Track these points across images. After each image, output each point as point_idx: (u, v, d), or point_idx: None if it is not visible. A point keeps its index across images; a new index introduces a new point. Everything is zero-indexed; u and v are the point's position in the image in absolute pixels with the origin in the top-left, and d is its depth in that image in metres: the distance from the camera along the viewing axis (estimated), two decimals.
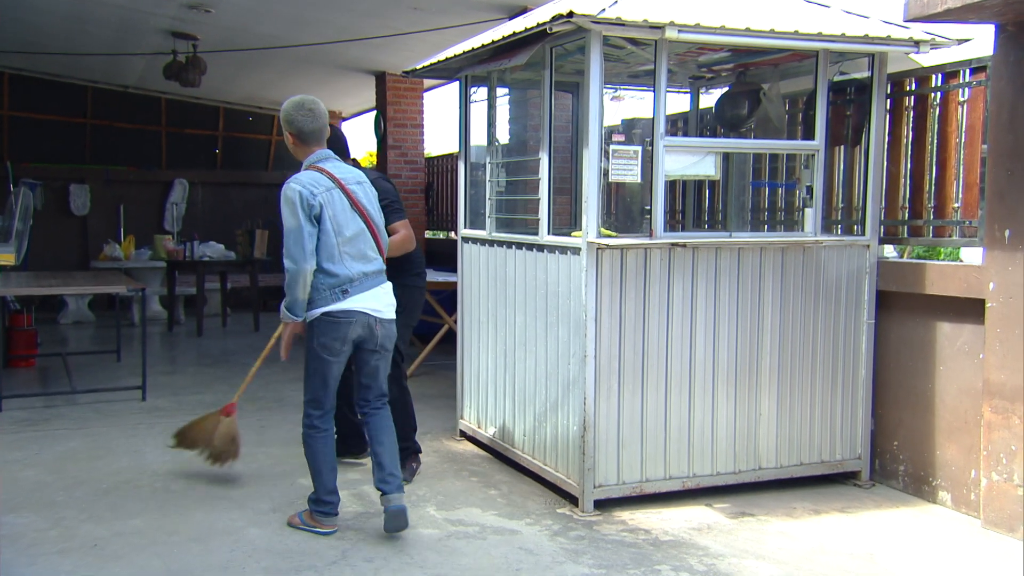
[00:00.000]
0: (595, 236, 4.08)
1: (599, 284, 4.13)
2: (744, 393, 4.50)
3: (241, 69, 10.89)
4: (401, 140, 10.12)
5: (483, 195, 5.09)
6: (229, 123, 13.72)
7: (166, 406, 6.30)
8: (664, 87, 4.16)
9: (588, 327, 4.12)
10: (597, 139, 4.06)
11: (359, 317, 3.73)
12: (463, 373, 5.44)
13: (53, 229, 12.48)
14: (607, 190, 6.03)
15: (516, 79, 5.29)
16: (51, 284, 6.65)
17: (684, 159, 4.33)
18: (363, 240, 3.75)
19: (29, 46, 10.33)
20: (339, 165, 3.81)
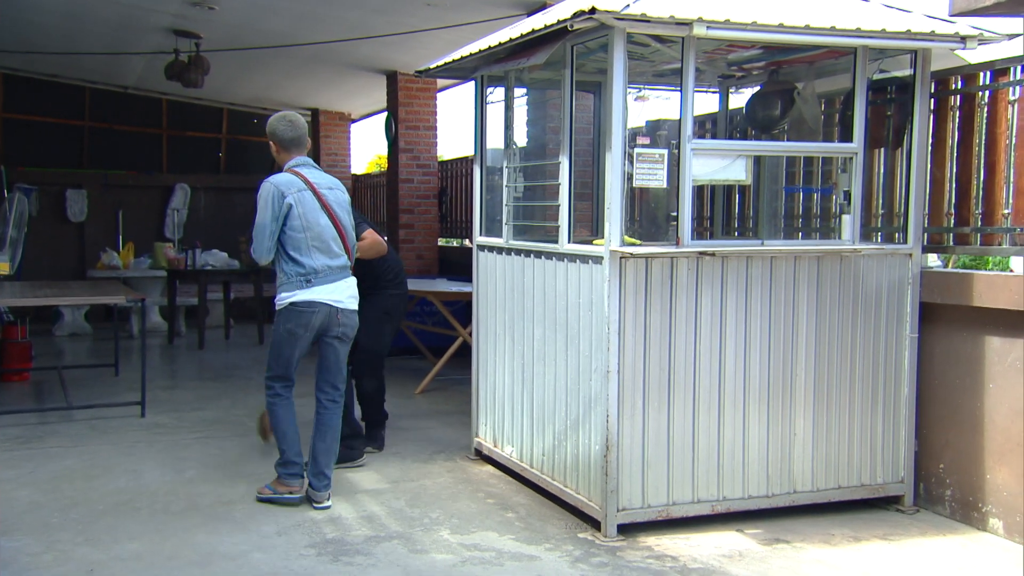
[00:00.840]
0: (618, 244, 4.08)
1: (623, 295, 4.12)
2: (777, 411, 4.47)
3: (246, 69, 10.97)
4: (413, 143, 10.17)
5: (499, 201, 5.10)
6: (233, 125, 13.83)
7: (166, 423, 6.35)
8: (692, 87, 4.16)
9: (611, 341, 4.12)
10: (620, 142, 4.06)
11: (321, 307, 4.45)
12: (478, 389, 5.44)
13: (49, 236, 12.60)
14: (631, 196, 6.05)
15: (534, 79, 5.31)
16: (46, 294, 6.72)
17: (713, 163, 4.32)
18: (330, 237, 4.46)
19: (25, 45, 10.46)
20: (314, 171, 4.54)
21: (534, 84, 5.40)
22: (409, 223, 10.17)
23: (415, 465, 5.36)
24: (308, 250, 4.41)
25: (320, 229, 4.44)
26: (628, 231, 4.37)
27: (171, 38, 9.24)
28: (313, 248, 4.41)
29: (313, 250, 4.42)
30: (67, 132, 13.00)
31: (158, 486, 4.89)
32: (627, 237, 4.22)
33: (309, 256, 4.41)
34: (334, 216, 4.47)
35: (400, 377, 8.20)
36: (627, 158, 4.15)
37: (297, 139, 4.55)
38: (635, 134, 6.84)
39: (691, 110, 4.18)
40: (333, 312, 4.49)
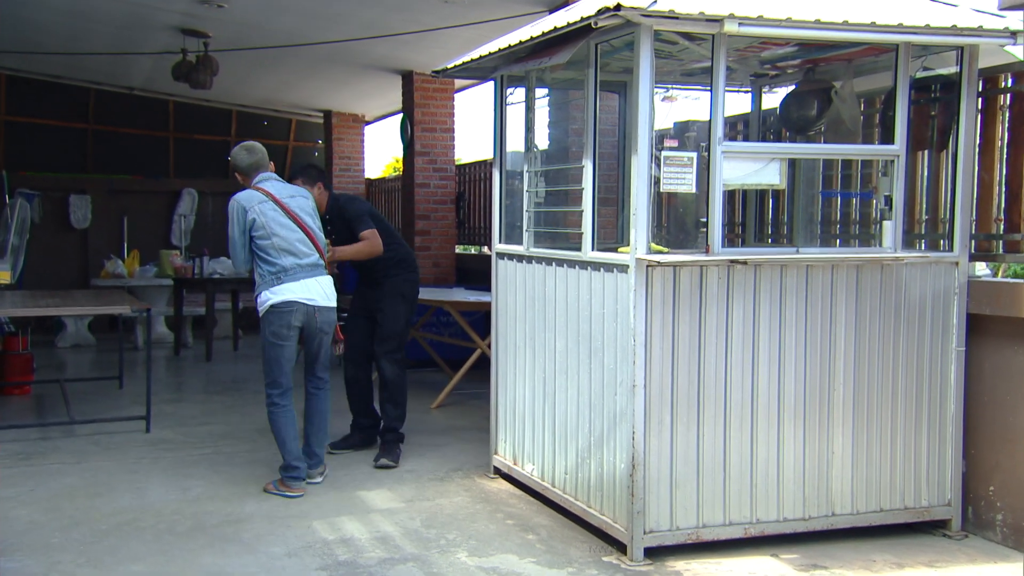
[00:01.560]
0: (644, 252, 4.07)
1: (649, 305, 4.11)
2: (814, 429, 4.44)
3: (256, 69, 11.05)
4: (430, 145, 10.21)
5: (520, 206, 5.11)
6: (243, 128, 13.91)
7: (172, 438, 6.39)
8: (723, 86, 4.15)
9: (637, 353, 4.11)
10: (647, 144, 4.06)
11: (298, 307, 5.09)
12: (497, 403, 5.44)
13: (51, 244, 12.74)
14: (658, 201, 6.04)
15: (557, 79, 5.31)
16: (47, 304, 6.79)
17: (745, 166, 4.31)
18: (295, 240, 5.12)
19: (27, 45, 10.59)
20: (275, 184, 5.25)
21: (556, 84, 5.41)
22: (425, 229, 10.20)
23: (431, 483, 5.36)
24: (277, 253, 5.09)
25: (285, 234, 5.11)
26: (655, 238, 4.36)
27: (179, 37, 9.33)
28: (281, 251, 5.09)
29: (281, 252, 5.09)
30: (71, 135, 13.15)
31: (163, 505, 4.92)
32: (654, 244, 4.21)
33: (279, 257, 5.09)
34: (299, 220, 5.16)
35: (416, 391, 8.20)
36: (654, 161, 4.15)
37: (255, 163, 5.29)
38: (663, 136, 6.83)
39: (722, 111, 4.17)
40: (311, 311, 5.15)
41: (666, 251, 4.25)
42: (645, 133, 4.06)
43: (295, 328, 5.11)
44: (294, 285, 5.08)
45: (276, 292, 5.08)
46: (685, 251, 4.34)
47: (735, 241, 6.63)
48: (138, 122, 13.41)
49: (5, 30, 9.87)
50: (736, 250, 4.46)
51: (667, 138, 4.56)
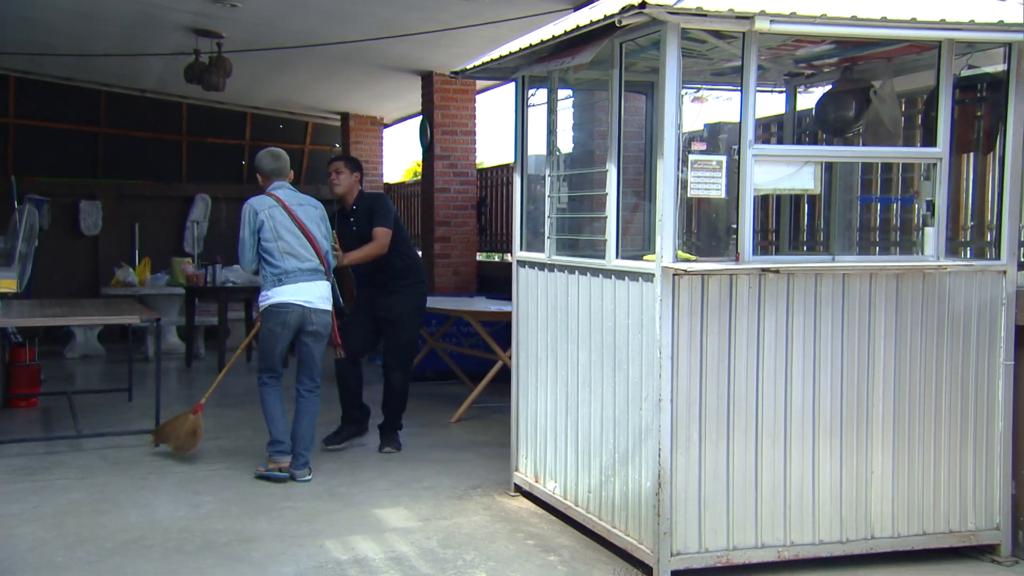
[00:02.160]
0: (671, 260, 4.06)
1: (676, 316, 4.10)
2: (852, 447, 4.41)
3: (271, 70, 11.14)
4: (450, 149, 10.24)
5: (542, 212, 5.11)
6: (257, 131, 14.03)
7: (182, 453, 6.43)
8: (754, 87, 4.14)
9: (663, 366, 4.09)
10: (673, 147, 4.05)
11: (295, 308, 5.74)
12: (518, 418, 5.44)
13: (60, 251, 12.89)
14: (688, 207, 6.03)
15: (581, 79, 5.32)
16: (55, 313, 6.87)
17: (777, 170, 4.29)
18: (300, 245, 5.77)
19: (36, 47, 10.73)
20: (287, 192, 5.93)
21: (580, 85, 5.42)
22: (445, 236, 10.23)
23: (449, 501, 5.37)
24: (280, 255, 5.74)
25: (290, 238, 5.76)
26: (685, 245, 4.35)
27: (191, 38, 9.42)
28: (285, 254, 5.74)
29: (285, 255, 5.74)
30: (81, 139, 13.30)
31: (171, 522, 4.95)
32: (681, 252, 4.20)
33: (282, 260, 5.74)
34: (304, 227, 5.80)
35: (434, 404, 8.23)
36: (681, 165, 4.14)
37: (277, 170, 6.03)
38: (692, 138, 6.79)
39: (752, 112, 4.16)
40: (306, 312, 5.77)
41: (694, 259, 4.23)
42: (671, 136, 4.05)
43: (290, 327, 5.78)
44: (292, 287, 5.74)
45: (275, 293, 5.76)
46: (714, 259, 4.32)
47: (768, 248, 6.59)
48: (150, 125, 13.55)
49: (13, 31, 10.01)
50: (768, 258, 4.44)
51: (695, 140, 4.55)
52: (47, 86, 12.84)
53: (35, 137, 13.02)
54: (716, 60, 5.15)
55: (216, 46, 9.42)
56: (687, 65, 5.34)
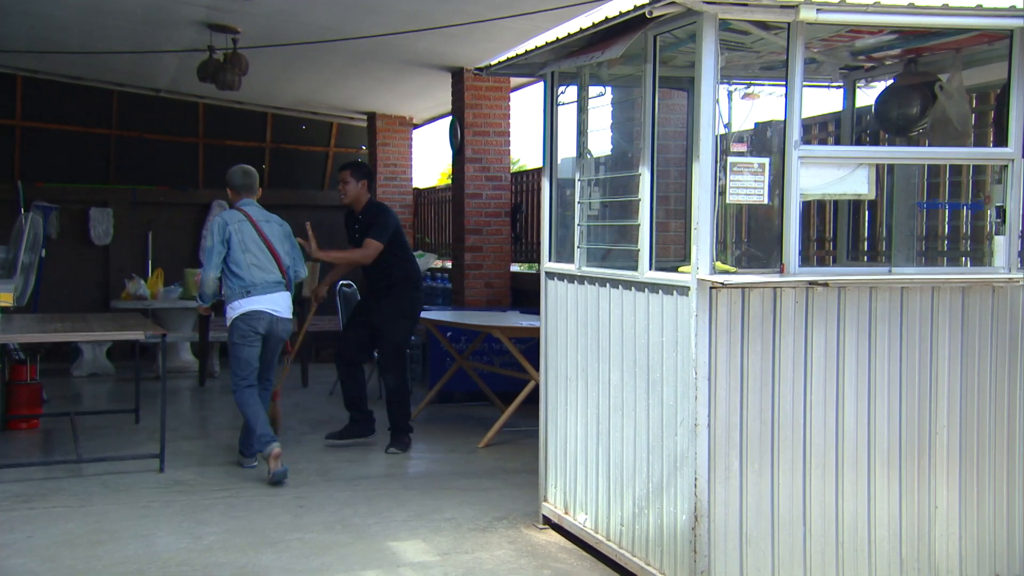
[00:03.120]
0: (708, 272, 4.03)
1: (714, 333, 4.07)
2: (912, 478, 4.36)
3: (291, 67, 11.24)
4: (482, 151, 10.26)
5: (573, 219, 5.11)
6: (278, 132, 14.16)
7: (188, 479, 6.50)
8: (799, 82, 4.11)
9: (699, 387, 4.06)
10: (710, 149, 4.03)
11: (264, 315, 6.64)
12: (547, 444, 5.43)
13: (69, 262, 13.08)
14: (736, 214, 6.00)
15: (615, 76, 5.32)
16: (55, 329, 6.97)
17: (826, 173, 4.25)
18: (265, 258, 6.71)
19: (43, 44, 10.91)
20: (255, 209, 6.86)
21: (616, 82, 5.41)
22: (476, 245, 10.23)
23: (471, 534, 5.36)
24: (248, 268, 6.63)
25: (257, 252, 6.68)
26: (733, 256, 4.32)
27: (205, 33, 9.53)
28: (251, 266, 6.65)
29: (252, 268, 6.64)
30: (92, 142, 13.46)
31: (171, 554, 4.99)
32: (719, 264, 4.17)
33: (249, 273, 6.63)
34: (268, 243, 6.75)
35: (462, 428, 8.24)
36: (720, 168, 4.12)
37: (247, 185, 6.94)
38: (741, 138, 6.77)
39: (798, 110, 4.12)
40: (273, 320, 6.70)
41: (734, 271, 4.20)
42: (708, 136, 4.03)
43: (261, 334, 6.66)
44: (260, 298, 6.64)
45: (245, 303, 6.61)
46: (756, 271, 4.29)
47: (826, 259, 6.54)
48: (165, 127, 13.70)
49: (19, 27, 10.21)
50: (816, 270, 4.42)
51: (735, 142, 4.52)
52: (55, 86, 13.03)
53: (43, 140, 13.21)
54: (764, 53, 5.11)
55: (231, 42, 9.52)
56: (733, 59, 5.34)
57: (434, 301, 11.08)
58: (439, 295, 11.08)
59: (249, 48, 9.60)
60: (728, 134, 6.12)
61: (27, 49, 11.17)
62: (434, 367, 9.25)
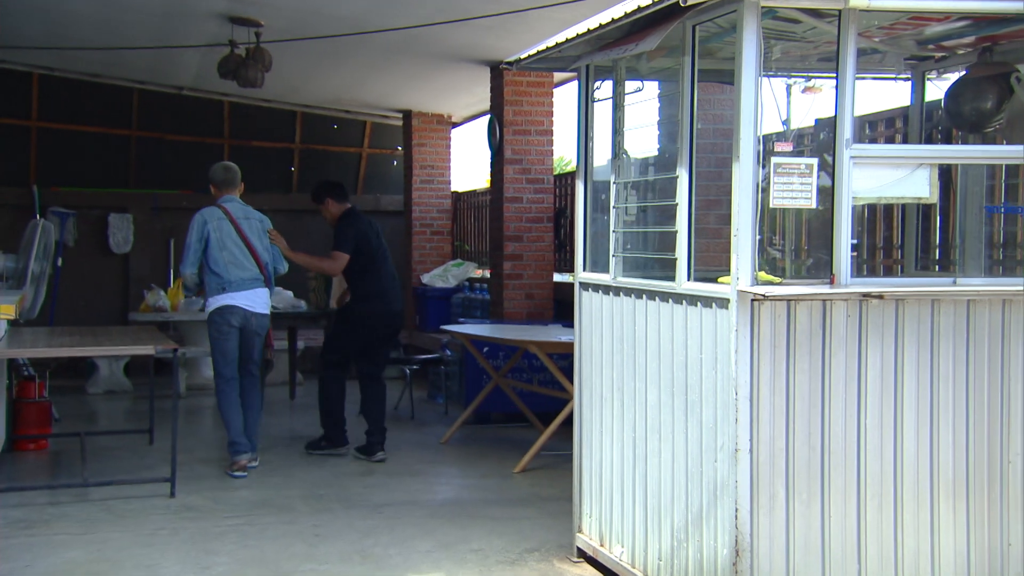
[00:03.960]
0: (749, 283, 4.00)
1: (756, 349, 4.04)
2: (982, 512, 4.30)
3: (319, 63, 11.34)
4: (522, 152, 10.26)
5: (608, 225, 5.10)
6: (309, 132, 14.29)
7: (199, 505, 6.56)
8: (851, 75, 4.08)
9: (739, 409, 4.03)
10: (751, 148, 4.00)
11: (238, 310, 7.46)
12: (581, 469, 5.41)
13: (87, 271, 13.28)
14: (798, 218, 5.94)
15: (656, 69, 5.29)
16: (64, 343, 7.08)
17: (882, 174, 4.20)
18: (243, 256, 7.50)
19: (59, 39, 11.11)
20: (235, 206, 7.67)
21: (657, 75, 5.38)
22: (516, 253, 10.23)
23: (499, 567, 5.36)
24: (225, 265, 7.43)
25: (234, 249, 7.46)
26: (793, 266, 4.27)
27: (227, 27, 9.65)
28: (229, 264, 7.44)
29: (229, 265, 7.44)
30: (111, 144, 13.69)
31: None
32: (763, 274, 4.13)
33: (226, 270, 7.42)
34: (247, 240, 7.53)
35: (497, 451, 8.24)
36: (763, 168, 4.10)
37: (227, 181, 7.78)
38: (802, 135, 6.69)
39: (850, 105, 4.09)
40: (248, 315, 7.51)
41: (778, 281, 4.16)
42: (749, 134, 4.01)
43: (235, 327, 7.45)
44: (236, 294, 7.44)
45: (221, 298, 7.43)
46: (803, 282, 4.25)
47: (893, 269, 6.46)
48: (188, 127, 13.88)
49: (34, 23, 10.41)
50: (870, 280, 4.35)
51: (779, 141, 4.49)
52: (73, 84, 13.25)
53: (60, 142, 13.43)
54: (819, 43, 5.07)
55: (254, 36, 9.63)
56: (787, 49, 5.30)
57: (472, 314, 11.11)
58: (477, 307, 11.10)
59: (273, 42, 9.70)
60: (786, 132, 6.09)
61: (43, 45, 11.38)
62: (470, 385, 9.28)
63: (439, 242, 13.49)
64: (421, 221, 13.41)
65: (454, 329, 8.80)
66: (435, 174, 13.51)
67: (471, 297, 11.43)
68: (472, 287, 11.80)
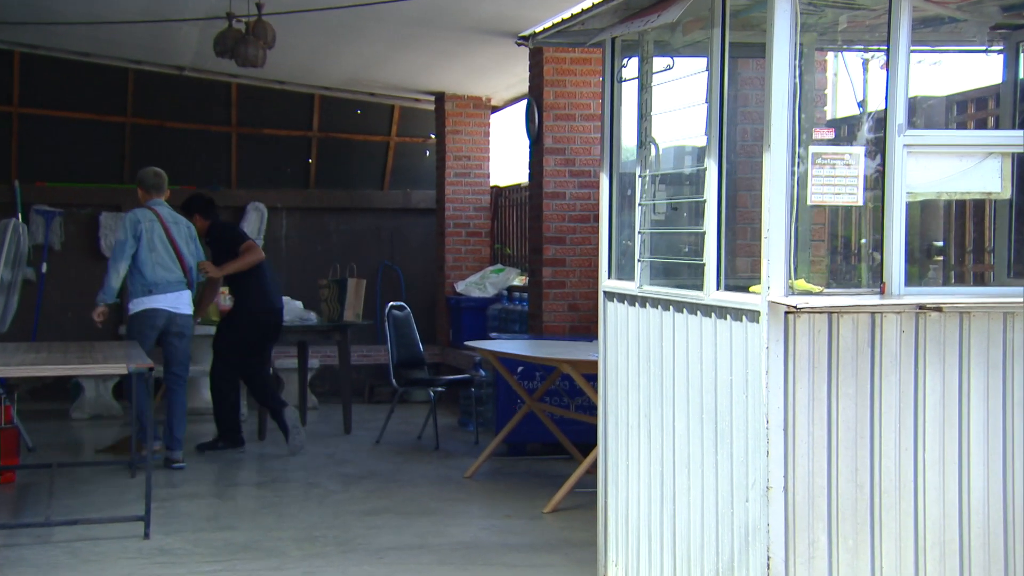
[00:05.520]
0: (782, 292, 3.99)
1: (791, 370, 4.04)
2: None
3: (337, 39, 11.41)
4: (565, 139, 10.25)
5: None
6: (328, 118, 14.34)
7: (176, 548, 6.64)
8: (904, 50, 4.11)
9: (771, 440, 4.02)
10: (785, 135, 4.00)
11: (162, 312, 8.90)
12: (606, 509, 5.45)
13: (76, 278, 13.38)
14: (852, 216, 5.91)
15: (691, 43, 5.29)
16: (24, 361, 7.20)
17: (944, 165, 4.18)
18: (170, 258, 8.99)
19: (44, 13, 11.27)
20: (164, 209, 9.18)
21: (691, 51, 5.38)
22: (558, 258, 10.22)
23: None
24: (153, 267, 8.84)
25: (163, 252, 8.94)
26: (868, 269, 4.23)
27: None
28: (156, 265, 8.87)
29: (156, 267, 8.87)
30: (103, 132, 13.80)
31: None
32: (801, 281, 4.12)
33: (152, 271, 8.83)
34: (175, 243, 9.03)
35: (530, 486, 8.26)
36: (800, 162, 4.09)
37: (157, 185, 9.30)
38: (878, 119, 6.66)
39: (903, 86, 4.11)
40: (172, 316, 8.95)
41: (818, 290, 4.15)
42: (781, 118, 4.01)
43: (157, 328, 8.87)
44: (160, 296, 8.86)
45: (146, 300, 8.84)
46: (849, 291, 4.23)
47: (984, 275, 6.39)
48: (190, 113, 13.98)
49: None
50: (928, 290, 4.32)
51: (817, 128, 4.48)
52: (60, 64, 13.37)
53: (45, 130, 13.52)
54: (880, 12, 5.04)
55: (255, 7, 9.73)
56: (856, 18, 5.28)
57: (510, 328, 11.13)
58: (515, 320, 11.10)
59: (278, 15, 9.79)
60: (862, 115, 6.05)
61: (24, 20, 11.53)
62: (501, 411, 9.32)
63: (476, 244, 13.43)
64: (455, 220, 13.37)
65: (478, 345, 8.84)
66: (472, 166, 13.50)
67: (509, 308, 11.43)
68: (511, 297, 11.81)
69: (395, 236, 14.43)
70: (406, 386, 10.45)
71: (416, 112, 14.52)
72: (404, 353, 10.35)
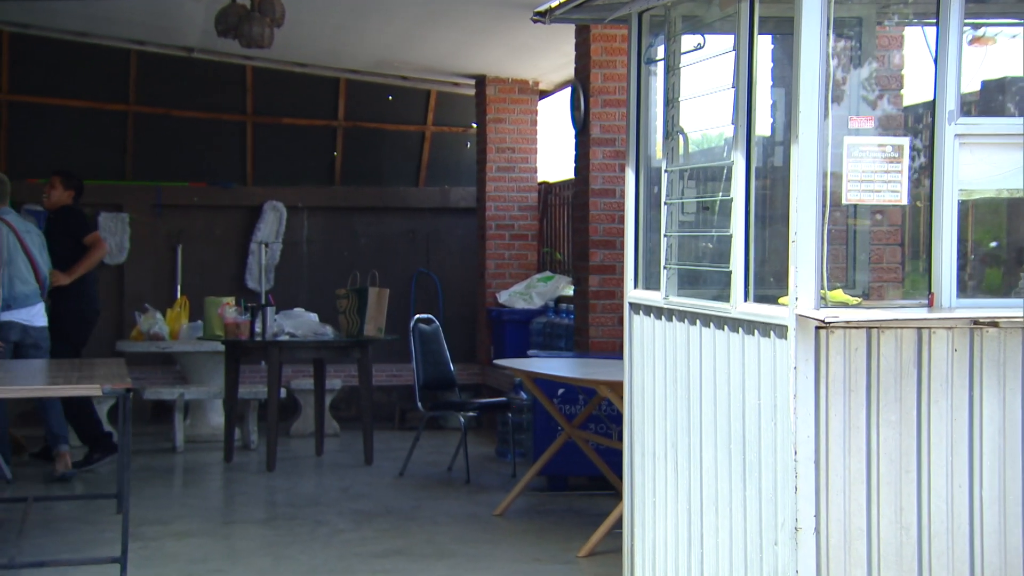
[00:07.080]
0: (812, 305, 4.00)
1: (823, 393, 4.06)
2: None
3: (362, 15, 11.46)
4: (614, 128, 10.21)
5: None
6: (355, 106, 14.41)
7: None
8: (957, 22, 4.10)
9: (800, 473, 4.04)
10: (815, 123, 4.01)
11: (16, 326, 9.45)
12: (632, 551, 5.48)
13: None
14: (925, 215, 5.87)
15: (727, 16, 5.31)
16: None
17: (1002, 159, 4.19)
18: (26, 269, 9.54)
19: None
20: (15, 218, 9.69)
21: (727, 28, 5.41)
22: (606, 264, 10.20)
23: None
24: (11, 279, 9.39)
25: (20, 263, 9.49)
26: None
27: None
28: (14, 278, 9.42)
29: (15, 280, 9.42)
30: (102, 122, 13.97)
31: None
32: (837, 292, 4.13)
33: (11, 286, 9.38)
34: (29, 253, 9.56)
35: (568, 526, 8.27)
36: None
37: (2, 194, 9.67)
38: (971, 104, 6.66)
39: (956, 70, 4.10)
40: (26, 329, 9.54)
41: (855, 302, 4.16)
42: (811, 104, 4.01)
43: (11, 342, 9.37)
44: (18, 310, 9.45)
45: (4, 315, 9.30)
46: (892, 303, 4.23)
47: None
48: (200, 100, 14.10)
49: None
50: (983, 302, 4.31)
51: (853, 117, 4.49)
52: (54, 45, 13.52)
53: (37, 120, 13.69)
54: None
55: None
56: None
57: (555, 344, 11.12)
58: (561, 335, 11.09)
59: None
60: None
61: None
62: (539, 439, 9.34)
63: (521, 249, 13.38)
64: (498, 221, 13.32)
65: (510, 364, 8.86)
66: (516, 159, 13.49)
67: (555, 322, 11.40)
68: (558, 309, 11.78)
69: (431, 239, 14.42)
70: (434, 410, 10.50)
71: (455, 98, 14.56)
72: (432, 372, 10.39)
